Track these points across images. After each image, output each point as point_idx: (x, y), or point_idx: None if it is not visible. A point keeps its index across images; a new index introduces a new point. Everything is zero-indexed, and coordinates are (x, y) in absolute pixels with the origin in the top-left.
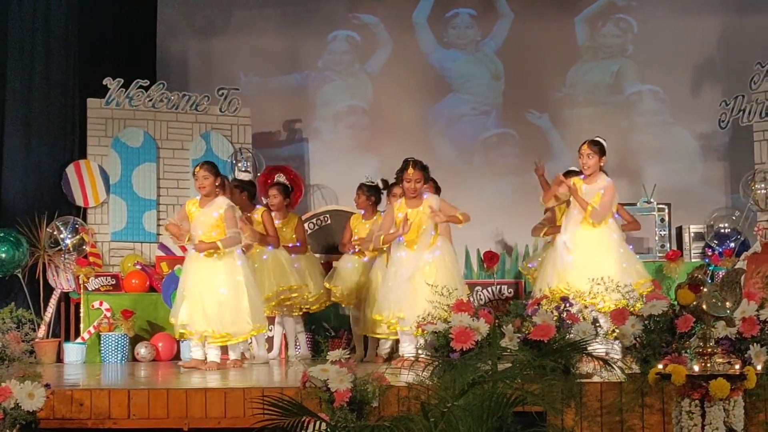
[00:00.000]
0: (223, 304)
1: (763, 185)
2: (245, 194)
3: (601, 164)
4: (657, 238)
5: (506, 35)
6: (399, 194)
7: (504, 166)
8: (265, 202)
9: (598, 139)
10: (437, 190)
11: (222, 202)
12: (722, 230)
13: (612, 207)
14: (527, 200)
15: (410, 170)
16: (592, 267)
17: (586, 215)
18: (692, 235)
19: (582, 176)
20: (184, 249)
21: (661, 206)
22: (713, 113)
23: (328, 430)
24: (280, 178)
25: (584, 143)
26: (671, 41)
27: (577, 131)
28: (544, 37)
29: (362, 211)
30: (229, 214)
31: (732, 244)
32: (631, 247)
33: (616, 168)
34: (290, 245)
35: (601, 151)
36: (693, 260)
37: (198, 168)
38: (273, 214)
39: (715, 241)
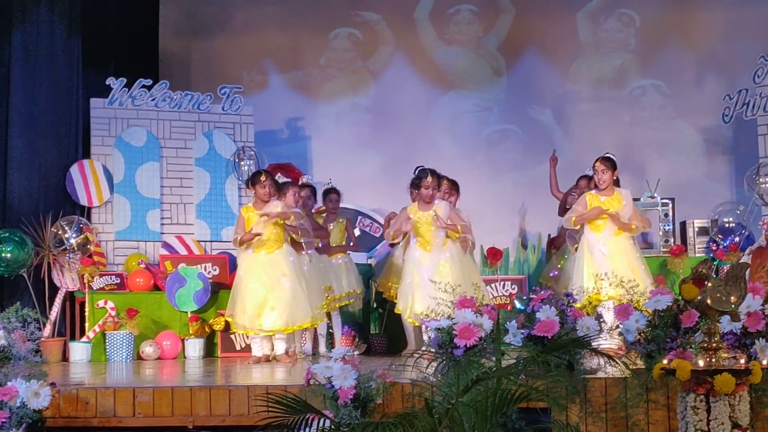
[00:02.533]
0: (287, 295)
1: (767, 179)
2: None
3: (614, 177)
4: (661, 233)
5: (508, 31)
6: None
7: (506, 162)
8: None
9: (609, 155)
10: (456, 189)
11: (277, 203)
12: (726, 225)
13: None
14: (530, 196)
15: (429, 178)
16: (625, 274)
17: (626, 230)
18: (696, 229)
19: (596, 190)
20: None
21: (664, 201)
22: (717, 107)
23: (332, 427)
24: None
25: (597, 160)
26: (674, 35)
27: (580, 126)
28: (545, 32)
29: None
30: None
31: (736, 239)
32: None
33: (620, 163)
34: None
35: (613, 165)
36: (697, 255)
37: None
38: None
39: (720, 236)
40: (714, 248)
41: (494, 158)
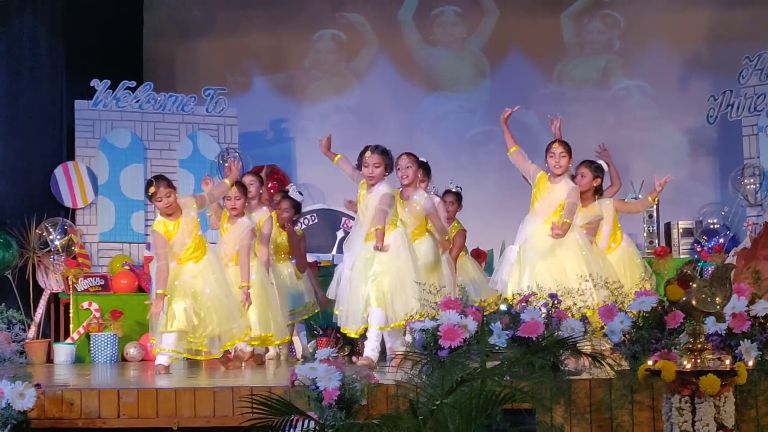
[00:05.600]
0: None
1: (752, 180)
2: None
3: (570, 164)
4: (645, 234)
5: (492, 32)
6: (404, 165)
7: (490, 163)
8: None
9: (567, 142)
10: (428, 172)
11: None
12: (711, 226)
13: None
14: (514, 197)
15: (367, 154)
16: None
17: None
18: (681, 231)
19: (548, 173)
20: None
21: None
22: (701, 108)
23: (317, 428)
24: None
25: (555, 142)
26: (658, 36)
27: (565, 127)
28: (529, 33)
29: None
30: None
31: (721, 240)
32: None
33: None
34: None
35: (570, 153)
36: (682, 256)
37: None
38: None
39: (704, 237)
40: (699, 249)
41: (478, 160)
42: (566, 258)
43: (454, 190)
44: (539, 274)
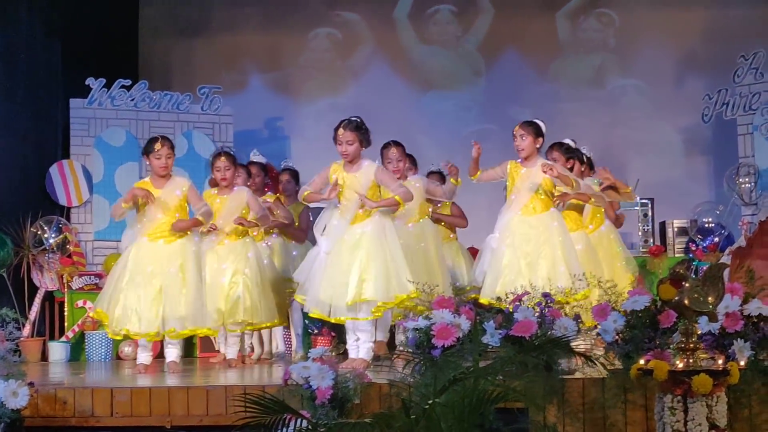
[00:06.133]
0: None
1: (747, 179)
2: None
3: (537, 146)
4: (640, 233)
5: (487, 31)
6: (395, 158)
7: (486, 162)
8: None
9: (533, 120)
10: (414, 162)
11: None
12: (706, 225)
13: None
14: None
15: (339, 131)
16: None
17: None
18: (676, 230)
19: (519, 160)
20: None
21: (644, 201)
22: (696, 107)
23: (310, 427)
24: (256, 156)
25: (517, 125)
26: (653, 35)
27: (560, 126)
28: (525, 32)
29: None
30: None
31: (716, 239)
32: None
33: (599, 163)
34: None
35: (538, 131)
36: (676, 255)
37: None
38: (284, 200)
39: (699, 236)
40: (693, 248)
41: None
42: (543, 245)
43: (436, 170)
44: (514, 265)
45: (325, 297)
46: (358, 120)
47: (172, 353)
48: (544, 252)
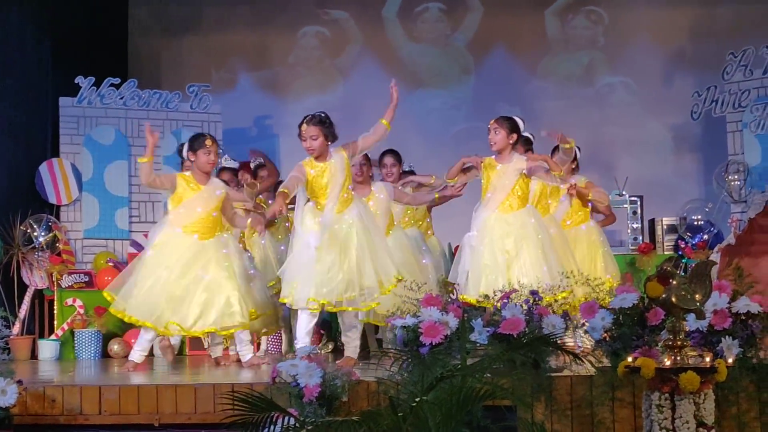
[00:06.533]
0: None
1: (736, 176)
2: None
3: (511, 141)
4: (629, 230)
5: (476, 29)
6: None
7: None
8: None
9: (511, 116)
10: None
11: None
12: (695, 222)
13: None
14: None
15: (303, 126)
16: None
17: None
18: (665, 227)
19: (494, 156)
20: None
21: (633, 199)
22: (685, 104)
23: (297, 425)
24: (228, 162)
25: (493, 119)
26: (642, 33)
27: (549, 124)
28: (513, 30)
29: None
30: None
31: (705, 237)
32: None
33: (588, 161)
34: None
35: (513, 126)
36: (666, 253)
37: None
38: (262, 197)
39: (688, 234)
40: (682, 246)
41: (462, 156)
42: (522, 241)
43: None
44: (494, 263)
45: (321, 291)
46: (322, 115)
47: (247, 349)
48: (524, 248)
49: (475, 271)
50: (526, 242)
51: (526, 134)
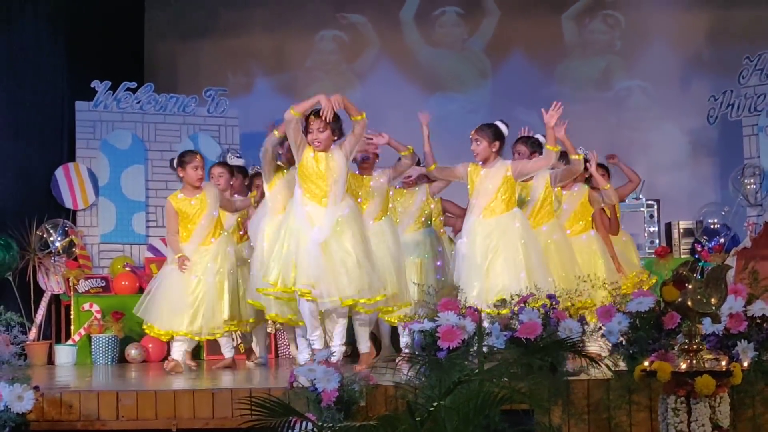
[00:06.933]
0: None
1: (752, 180)
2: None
3: (494, 150)
4: (646, 234)
5: (493, 33)
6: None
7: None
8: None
9: (492, 123)
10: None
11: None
12: (711, 226)
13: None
14: None
15: (311, 117)
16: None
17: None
18: (681, 231)
19: (479, 162)
20: None
21: (650, 202)
22: (702, 108)
23: (315, 429)
24: (233, 160)
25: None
26: (659, 36)
27: (567, 128)
28: (531, 34)
29: None
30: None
31: (721, 240)
32: None
33: (605, 164)
34: None
35: (494, 134)
36: (682, 256)
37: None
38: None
39: (705, 237)
40: (699, 249)
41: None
42: (500, 245)
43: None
44: (479, 269)
45: (331, 287)
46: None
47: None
48: (502, 252)
49: (470, 281)
50: (505, 246)
51: (537, 136)
